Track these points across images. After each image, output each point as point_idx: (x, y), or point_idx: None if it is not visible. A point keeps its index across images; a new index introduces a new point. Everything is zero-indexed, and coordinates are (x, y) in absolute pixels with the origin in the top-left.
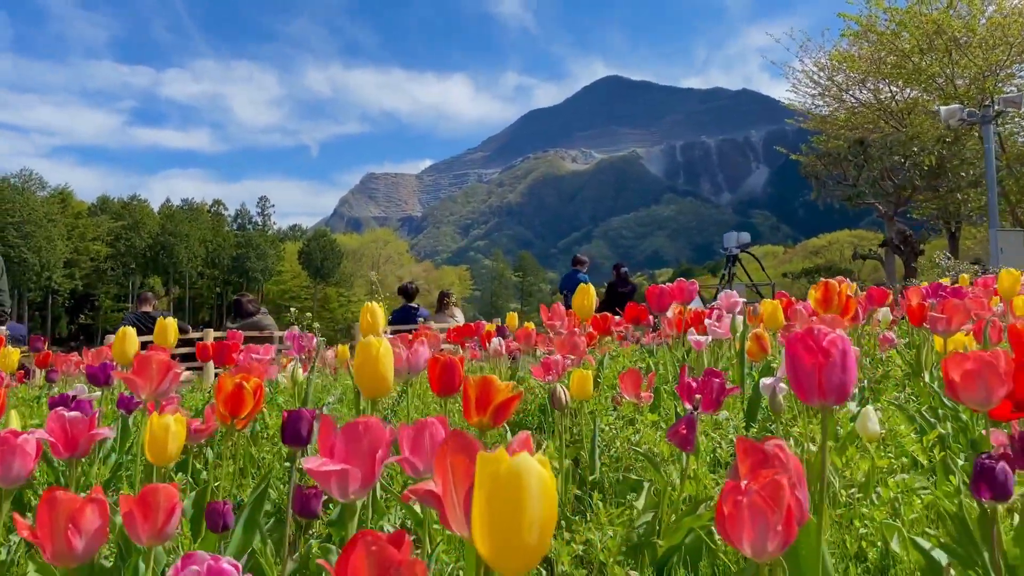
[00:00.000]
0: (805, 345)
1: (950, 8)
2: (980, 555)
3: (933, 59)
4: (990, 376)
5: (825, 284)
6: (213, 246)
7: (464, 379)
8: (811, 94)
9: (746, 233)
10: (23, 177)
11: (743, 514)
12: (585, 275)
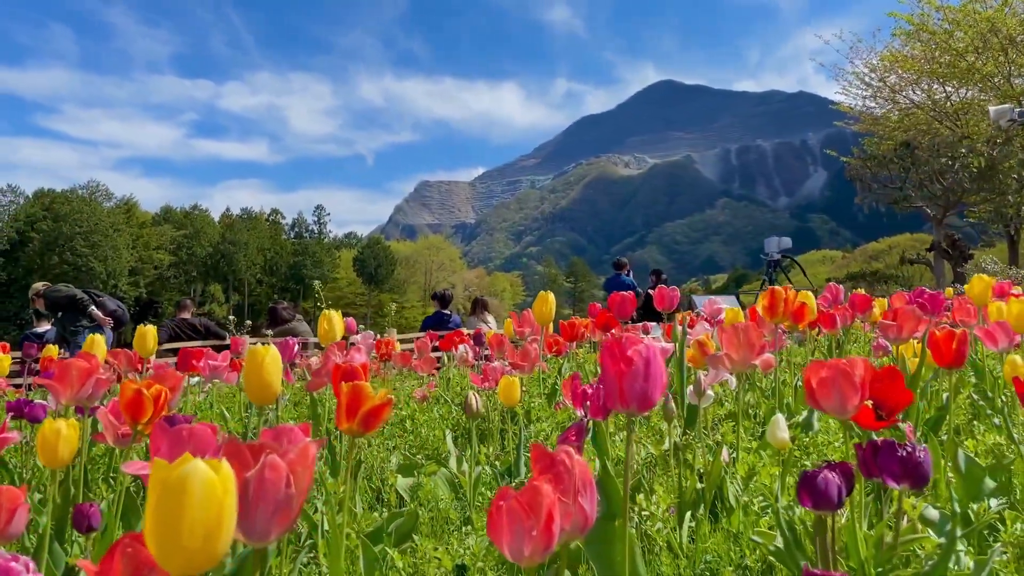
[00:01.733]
0: (611, 353)
1: (1005, 6)
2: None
3: (988, 58)
4: (844, 384)
5: (771, 292)
6: (271, 254)
7: (337, 387)
8: (862, 96)
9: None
10: (90, 188)
11: (503, 519)
12: (629, 278)
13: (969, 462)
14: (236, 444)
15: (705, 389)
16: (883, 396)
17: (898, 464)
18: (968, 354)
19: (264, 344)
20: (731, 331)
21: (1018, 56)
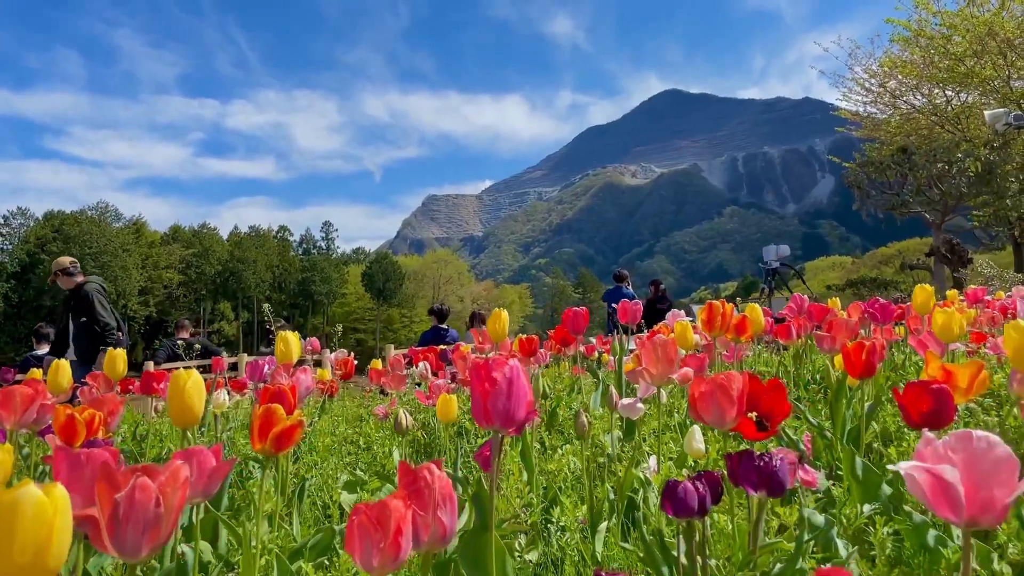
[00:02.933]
0: (477, 374)
1: (1003, 10)
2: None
3: (987, 61)
4: (722, 398)
5: (709, 306)
6: (279, 271)
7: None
8: (863, 102)
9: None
10: (99, 209)
11: (355, 533)
12: (630, 290)
13: (866, 469)
14: (108, 467)
15: (636, 402)
16: (767, 408)
17: (755, 473)
18: (878, 366)
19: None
20: (650, 347)
21: (1016, 59)
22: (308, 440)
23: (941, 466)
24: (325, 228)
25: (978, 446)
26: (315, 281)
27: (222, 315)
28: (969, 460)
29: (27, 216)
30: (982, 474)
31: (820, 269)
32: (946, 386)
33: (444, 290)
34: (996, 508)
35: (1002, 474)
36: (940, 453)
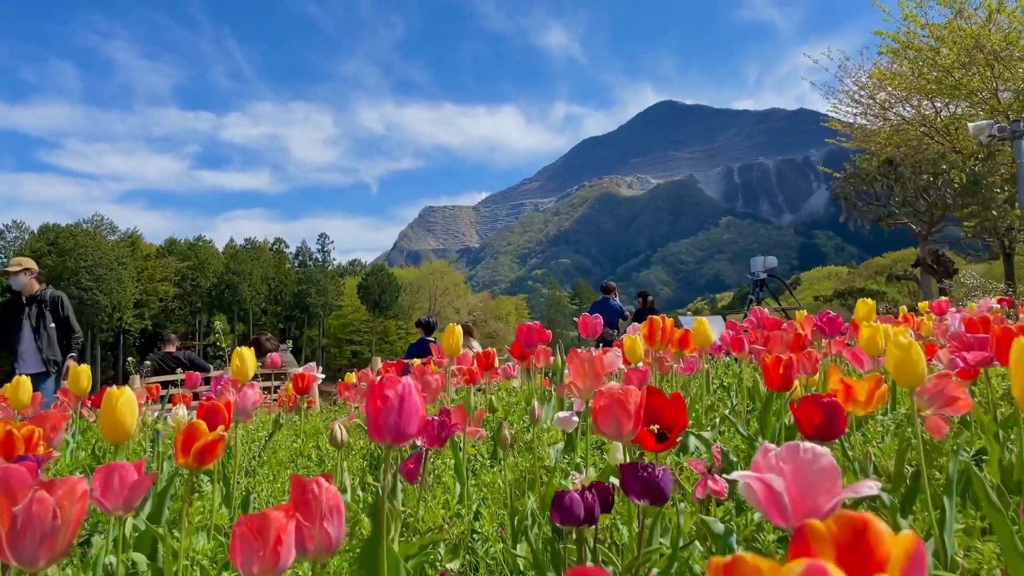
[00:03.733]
0: (371, 392)
1: (989, 22)
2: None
3: (975, 73)
4: (619, 411)
5: (650, 321)
6: (275, 283)
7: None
8: (854, 113)
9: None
10: (95, 222)
11: (237, 543)
12: (617, 302)
13: None
14: (7, 482)
15: (571, 416)
16: (668, 420)
17: (639, 483)
18: (794, 379)
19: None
20: (577, 361)
21: (1004, 71)
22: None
23: (769, 475)
24: (321, 240)
25: (805, 457)
26: (311, 293)
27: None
28: (797, 470)
29: (22, 229)
30: (808, 483)
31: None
32: (836, 400)
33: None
34: (820, 514)
35: (826, 483)
36: (773, 464)
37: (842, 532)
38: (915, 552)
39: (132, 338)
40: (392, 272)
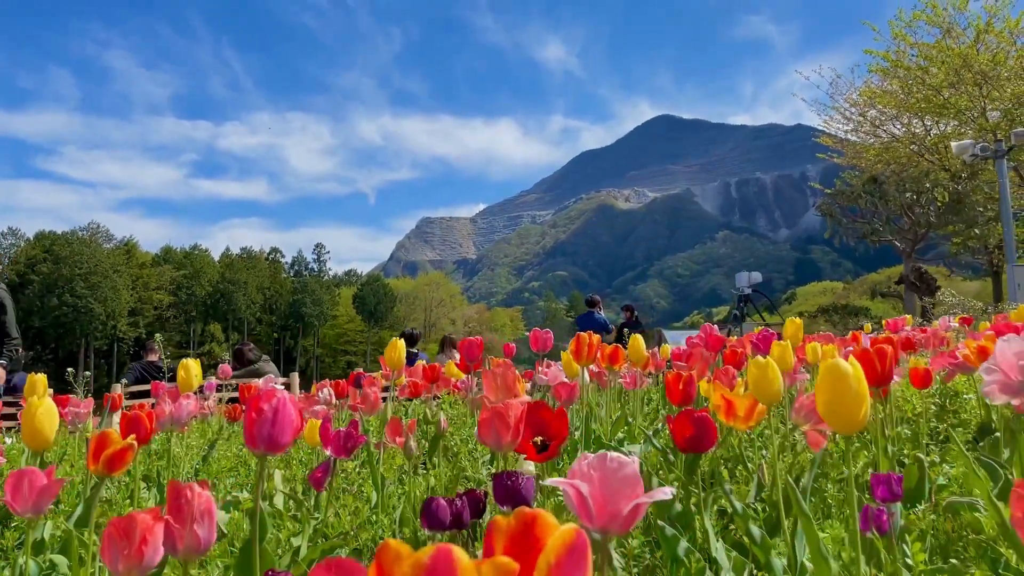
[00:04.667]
0: (251, 404)
1: (978, 42)
2: None
3: (963, 92)
4: (499, 424)
5: (577, 337)
6: (271, 292)
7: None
8: (845, 130)
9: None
10: (91, 230)
11: (106, 541)
12: (601, 315)
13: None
14: None
15: None
16: (553, 432)
17: (503, 490)
18: (694, 394)
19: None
20: (490, 375)
21: (991, 90)
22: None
23: (577, 481)
24: (317, 250)
25: (611, 465)
26: (306, 303)
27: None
28: (603, 477)
29: (18, 236)
30: (612, 489)
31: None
32: (706, 415)
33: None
34: (620, 516)
35: (627, 489)
36: (584, 471)
37: (516, 524)
38: (573, 543)
39: (126, 346)
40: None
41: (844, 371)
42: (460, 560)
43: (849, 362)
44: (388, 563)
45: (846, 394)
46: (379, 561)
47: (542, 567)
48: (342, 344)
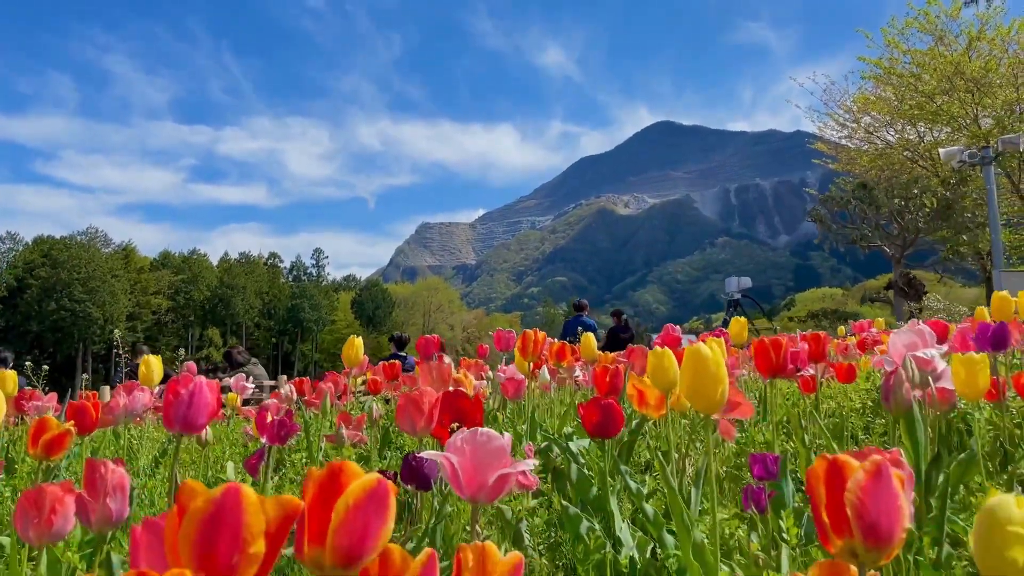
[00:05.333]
0: (169, 388)
1: (970, 49)
2: None
3: (955, 99)
4: (413, 411)
5: (524, 334)
6: (269, 297)
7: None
8: (839, 136)
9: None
10: (89, 235)
11: (18, 511)
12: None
13: (580, 475)
14: None
15: None
16: (469, 419)
17: (408, 470)
18: (620, 386)
19: None
20: (426, 368)
21: (983, 97)
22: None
23: (451, 455)
24: (316, 255)
25: (480, 440)
26: (305, 308)
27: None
28: (474, 450)
29: (16, 241)
30: (481, 461)
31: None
32: (613, 403)
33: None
34: (486, 485)
35: (495, 461)
36: (458, 445)
37: (326, 473)
38: (373, 490)
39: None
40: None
41: (704, 355)
42: (247, 496)
43: (708, 347)
44: (186, 499)
45: (705, 376)
46: (179, 498)
47: (340, 508)
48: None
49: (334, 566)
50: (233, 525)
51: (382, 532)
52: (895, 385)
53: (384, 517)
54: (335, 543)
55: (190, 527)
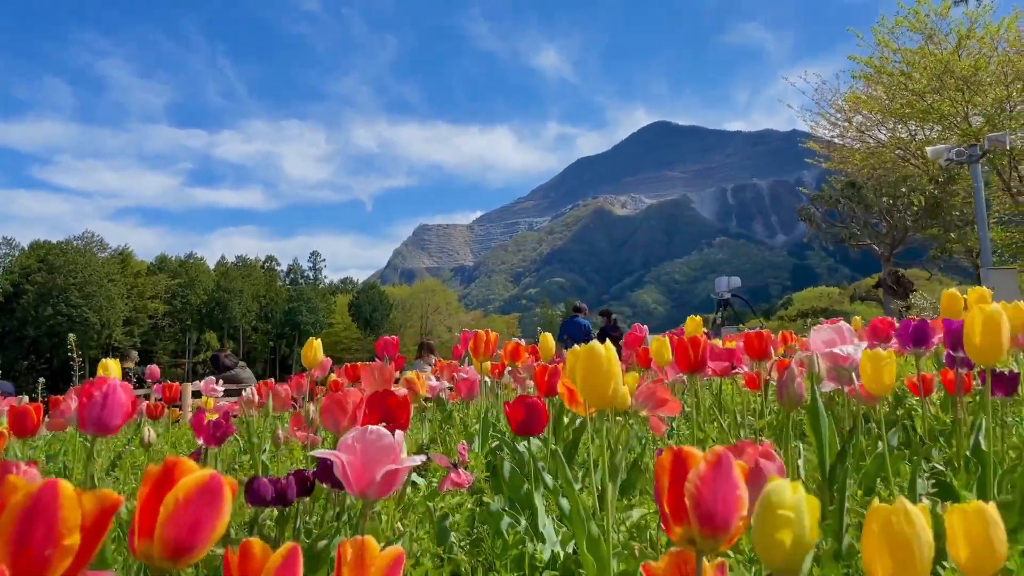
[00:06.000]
0: (83, 390)
1: (959, 47)
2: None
3: (945, 97)
4: (336, 411)
5: (476, 335)
6: (266, 301)
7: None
8: (831, 136)
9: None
10: (85, 239)
11: None
12: (584, 320)
13: (512, 472)
14: None
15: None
16: (398, 419)
17: (322, 469)
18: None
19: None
20: (367, 369)
21: (973, 95)
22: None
23: (339, 452)
24: (313, 258)
25: (370, 437)
26: (302, 311)
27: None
28: (364, 448)
29: (12, 246)
30: (371, 458)
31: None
32: (537, 401)
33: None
34: (375, 484)
35: (384, 457)
36: (349, 444)
37: (161, 469)
38: (205, 485)
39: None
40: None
41: (597, 354)
42: (64, 490)
43: (604, 348)
44: (6, 493)
45: (598, 373)
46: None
47: (169, 502)
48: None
49: (163, 558)
50: (49, 518)
51: (214, 526)
52: (787, 381)
53: (217, 511)
54: (163, 535)
55: (7, 520)
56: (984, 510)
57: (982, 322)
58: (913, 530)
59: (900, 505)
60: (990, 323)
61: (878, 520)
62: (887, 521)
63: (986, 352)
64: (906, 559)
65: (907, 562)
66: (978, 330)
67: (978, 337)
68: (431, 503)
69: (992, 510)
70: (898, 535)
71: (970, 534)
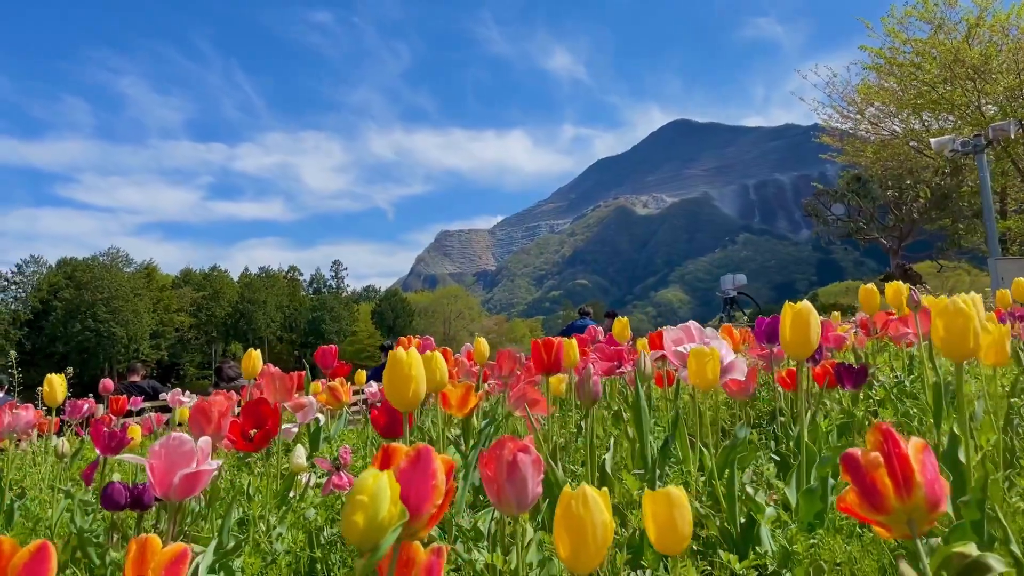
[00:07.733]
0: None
1: (970, 36)
2: None
3: (957, 87)
4: (201, 419)
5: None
6: (290, 311)
7: None
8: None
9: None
10: (111, 255)
11: None
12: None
13: None
14: None
15: (292, 428)
16: (270, 425)
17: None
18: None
19: None
20: (268, 378)
21: (985, 84)
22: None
23: (149, 458)
24: (335, 267)
25: (173, 443)
26: (325, 320)
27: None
28: (168, 452)
29: (40, 264)
30: (172, 462)
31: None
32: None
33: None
34: (175, 486)
35: (183, 461)
36: (157, 449)
37: None
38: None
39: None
40: (406, 297)
41: (400, 359)
42: None
43: (410, 352)
44: None
45: (401, 377)
46: None
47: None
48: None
49: None
50: None
51: None
52: (584, 379)
53: None
54: None
55: None
56: (669, 495)
57: (791, 318)
58: (588, 512)
59: (581, 490)
60: (798, 320)
61: (563, 504)
62: (568, 504)
63: (796, 347)
64: (581, 537)
65: (582, 540)
66: (788, 325)
67: (788, 332)
68: (303, 504)
69: (679, 495)
70: (574, 516)
71: (657, 515)
